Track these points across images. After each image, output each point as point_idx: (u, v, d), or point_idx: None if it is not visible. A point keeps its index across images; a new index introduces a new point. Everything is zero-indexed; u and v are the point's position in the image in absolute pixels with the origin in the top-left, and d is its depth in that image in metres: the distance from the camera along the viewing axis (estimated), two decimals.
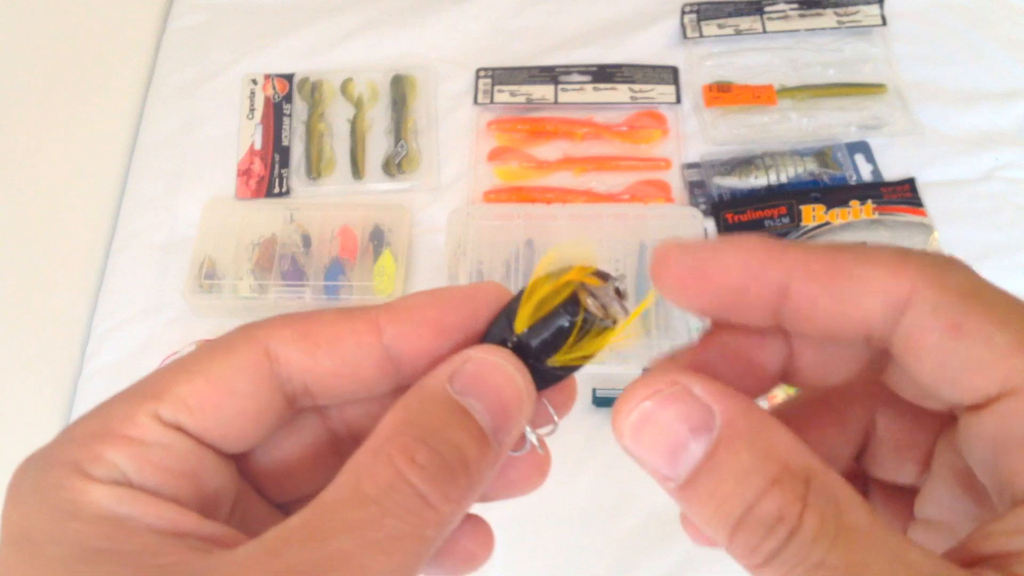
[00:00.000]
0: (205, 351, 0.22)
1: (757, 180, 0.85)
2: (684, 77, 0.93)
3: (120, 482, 0.20)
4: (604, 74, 0.93)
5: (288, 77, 0.95)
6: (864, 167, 0.86)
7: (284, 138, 0.91)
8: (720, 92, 0.91)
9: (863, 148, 0.87)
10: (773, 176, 0.85)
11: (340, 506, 0.20)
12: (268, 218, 0.85)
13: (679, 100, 0.91)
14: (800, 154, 0.87)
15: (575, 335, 0.23)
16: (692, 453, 0.21)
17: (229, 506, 0.23)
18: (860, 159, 0.87)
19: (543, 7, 0.99)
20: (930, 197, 0.83)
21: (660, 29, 0.97)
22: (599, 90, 0.92)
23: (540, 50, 0.96)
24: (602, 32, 0.97)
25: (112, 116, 0.92)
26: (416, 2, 1.00)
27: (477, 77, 0.94)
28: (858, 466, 0.27)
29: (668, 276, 0.22)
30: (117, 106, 0.93)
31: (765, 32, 0.95)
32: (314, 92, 0.94)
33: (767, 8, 0.96)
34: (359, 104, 0.93)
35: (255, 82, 0.95)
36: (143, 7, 1.00)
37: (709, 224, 0.84)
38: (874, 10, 0.94)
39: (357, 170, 0.89)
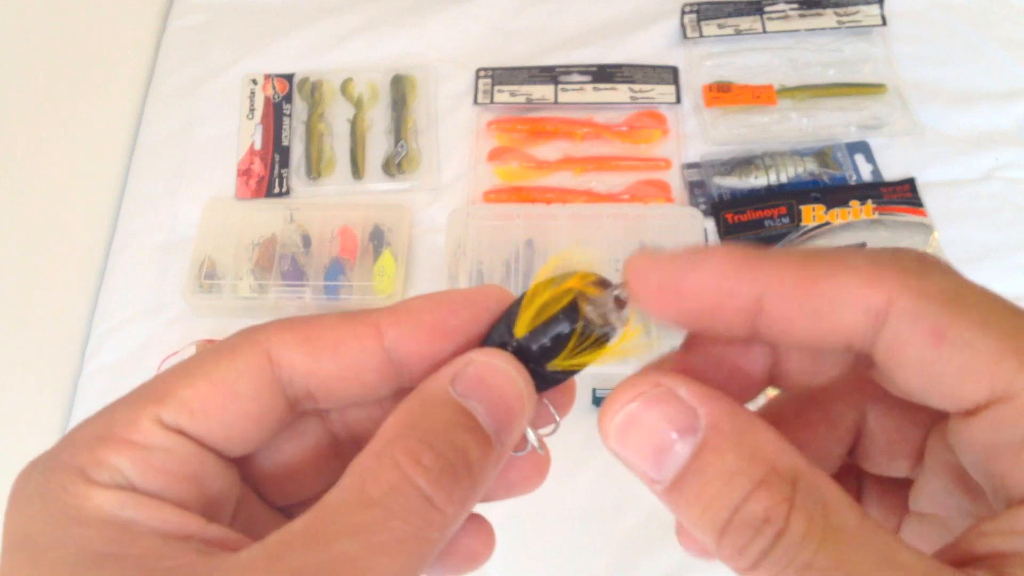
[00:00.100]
0: (206, 355, 0.22)
1: (757, 180, 0.85)
2: (684, 77, 0.93)
3: (123, 486, 0.20)
4: (604, 74, 0.93)
5: (288, 77, 0.95)
6: (864, 167, 0.86)
7: (284, 138, 0.91)
8: (720, 92, 0.91)
9: (863, 148, 0.87)
10: (773, 176, 0.85)
11: (344, 509, 0.20)
12: (268, 218, 0.85)
13: (679, 100, 0.91)
14: (800, 154, 0.87)
15: (574, 342, 0.23)
16: (678, 455, 0.20)
17: (232, 510, 0.23)
18: (860, 159, 0.87)
19: (543, 7, 0.99)
20: (930, 197, 0.83)
21: (660, 29, 0.97)
22: (599, 90, 0.92)
23: (540, 50, 0.96)
24: (602, 32, 0.97)
25: (112, 116, 0.92)
26: (416, 2, 1.00)
27: (477, 77, 0.94)
28: (851, 461, 0.26)
29: (640, 290, 0.22)
30: (117, 106, 0.93)
31: (765, 32, 0.95)
32: (314, 92, 0.94)
33: (767, 8, 0.96)
34: (359, 104, 0.93)
35: (255, 82, 0.95)
36: (143, 7, 1.00)
37: (709, 224, 0.84)
38: (874, 10, 0.94)
39: (357, 170, 0.89)
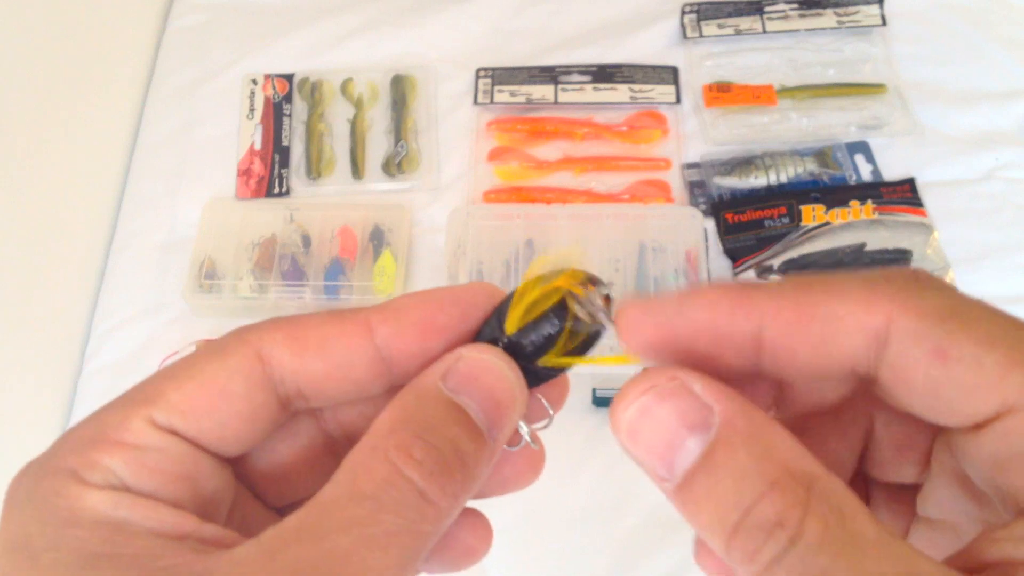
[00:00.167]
0: (197, 355, 0.22)
1: (757, 180, 0.85)
2: (684, 77, 0.93)
3: (117, 487, 0.20)
4: (604, 74, 0.93)
5: (288, 77, 0.95)
6: (864, 167, 0.86)
7: (284, 138, 0.91)
8: (720, 92, 0.91)
9: (863, 148, 0.87)
10: (773, 176, 0.85)
11: (337, 504, 0.20)
12: (268, 218, 0.85)
13: (679, 100, 0.91)
14: (800, 154, 0.87)
15: (563, 339, 0.23)
16: (689, 452, 0.20)
17: (227, 509, 0.23)
18: (860, 159, 0.87)
19: (543, 7, 0.99)
20: (930, 197, 0.83)
21: (660, 29, 0.97)
22: (599, 90, 0.92)
23: (540, 50, 0.96)
24: (602, 32, 0.97)
25: (112, 116, 0.93)
26: (416, 2, 1.00)
27: (477, 77, 0.94)
28: (858, 467, 0.26)
29: (634, 341, 0.22)
30: (117, 106, 0.93)
31: (765, 32, 0.95)
32: (314, 92, 0.94)
33: (767, 8, 0.96)
34: (359, 104, 0.93)
35: (255, 82, 0.95)
36: (143, 7, 1.00)
37: (709, 224, 0.84)
38: (874, 10, 0.94)
39: (357, 170, 0.89)
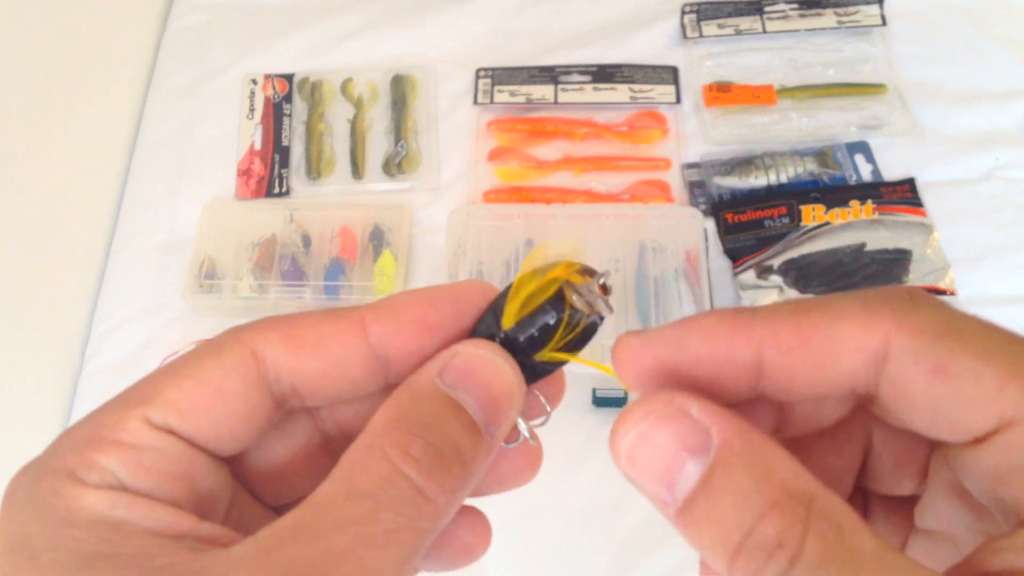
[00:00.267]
0: (193, 354, 0.22)
1: (757, 180, 0.85)
2: (684, 77, 0.93)
3: (114, 487, 0.20)
4: (604, 74, 0.93)
5: (288, 77, 0.95)
6: (864, 167, 0.86)
7: (284, 138, 0.91)
8: (720, 92, 0.91)
9: (863, 148, 0.87)
10: (773, 176, 0.85)
11: (334, 502, 0.20)
12: (268, 218, 0.85)
13: (679, 100, 0.91)
14: (800, 154, 0.87)
15: (561, 331, 0.23)
16: (689, 475, 0.20)
17: (224, 508, 0.23)
18: (860, 159, 0.87)
19: (543, 7, 0.99)
20: (930, 197, 0.83)
21: (660, 29, 0.97)
22: (599, 90, 0.92)
23: (540, 50, 0.96)
24: (602, 32, 0.97)
25: (112, 116, 0.93)
26: (416, 2, 1.00)
27: (477, 77, 0.94)
28: (856, 480, 0.26)
29: (632, 376, 0.22)
30: (117, 106, 0.93)
31: (765, 32, 0.95)
32: (314, 92, 0.94)
33: (767, 8, 0.96)
34: (359, 104, 0.93)
35: (255, 82, 0.95)
36: (143, 7, 1.00)
37: (709, 224, 0.84)
38: (874, 10, 0.94)
39: (357, 170, 0.89)
